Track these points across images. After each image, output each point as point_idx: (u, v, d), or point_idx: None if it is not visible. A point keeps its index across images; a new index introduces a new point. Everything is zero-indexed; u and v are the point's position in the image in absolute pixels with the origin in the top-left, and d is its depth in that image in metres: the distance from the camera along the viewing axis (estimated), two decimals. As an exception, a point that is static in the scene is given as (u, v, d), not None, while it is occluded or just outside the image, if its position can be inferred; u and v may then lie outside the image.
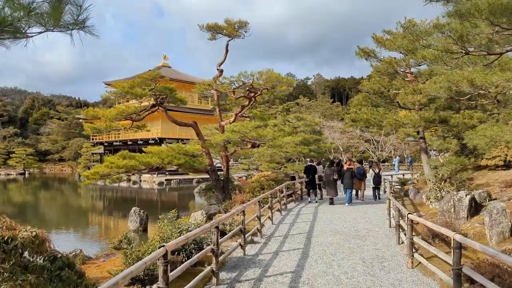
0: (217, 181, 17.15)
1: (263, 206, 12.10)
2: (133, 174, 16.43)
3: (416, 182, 22.02)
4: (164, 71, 50.47)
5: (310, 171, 16.82)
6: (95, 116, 15.04)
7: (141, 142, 48.42)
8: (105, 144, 56.26)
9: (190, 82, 52.12)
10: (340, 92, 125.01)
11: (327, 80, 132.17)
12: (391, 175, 24.95)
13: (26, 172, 68.72)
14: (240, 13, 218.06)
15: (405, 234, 8.83)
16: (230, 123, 16.30)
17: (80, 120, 58.39)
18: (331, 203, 15.70)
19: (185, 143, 21.01)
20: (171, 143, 24.63)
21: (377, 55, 18.66)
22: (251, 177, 31.70)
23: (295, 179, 31.14)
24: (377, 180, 17.69)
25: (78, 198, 37.43)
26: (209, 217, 14.02)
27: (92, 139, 59.92)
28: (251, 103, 16.91)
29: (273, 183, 18.68)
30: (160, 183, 42.10)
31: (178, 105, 16.82)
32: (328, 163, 17.13)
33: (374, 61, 18.96)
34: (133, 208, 14.68)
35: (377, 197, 17.37)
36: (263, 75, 14.79)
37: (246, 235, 8.53)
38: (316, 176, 16.73)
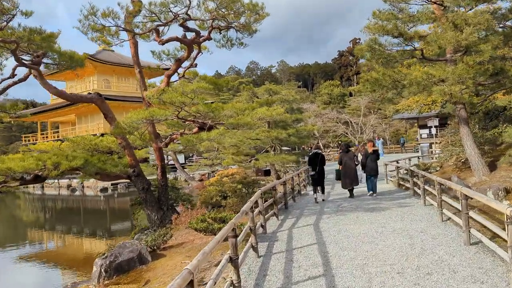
0: (147, 191, 10.19)
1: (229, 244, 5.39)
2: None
3: (440, 167, 15.89)
4: (105, 54, 42.63)
5: (315, 161, 11.91)
6: None
7: (82, 140, 40.43)
8: (42, 146, 47.60)
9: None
10: (305, 78, 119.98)
11: (292, 67, 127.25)
12: (397, 161, 18.54)
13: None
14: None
15: None
16: (159, 92, 9.25)
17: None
18: (352, 195, 12.60)
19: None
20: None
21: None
22: (215, 175, 24.90)
23: (269, 175, 24.46)
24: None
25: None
26: (117, 270, 7.11)
27: (27, 141, 51.14)
28: (196, 55, 9.98)
29: (240, 186, 11.95)
30: (104, 189, 34.49)
31: (69, 65, 9.64)
32: (343, 147, 13.43)
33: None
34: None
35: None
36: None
37: None
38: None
